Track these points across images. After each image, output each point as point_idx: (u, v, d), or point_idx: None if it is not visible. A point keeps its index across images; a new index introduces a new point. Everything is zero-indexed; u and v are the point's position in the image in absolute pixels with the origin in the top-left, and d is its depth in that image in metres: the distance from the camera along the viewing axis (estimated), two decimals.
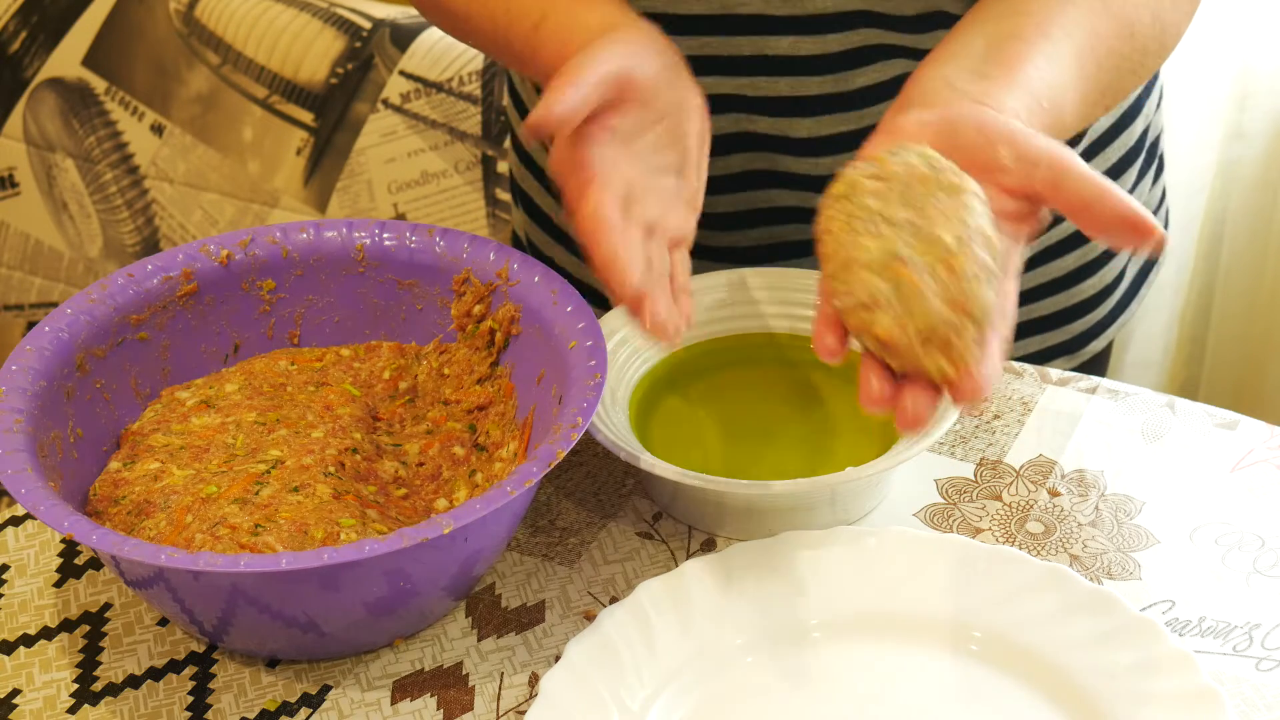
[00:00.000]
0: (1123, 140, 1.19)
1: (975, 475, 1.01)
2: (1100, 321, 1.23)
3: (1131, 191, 1.21)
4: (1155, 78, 1.23)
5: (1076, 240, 1.19)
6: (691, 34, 1.06)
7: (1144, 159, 1.23)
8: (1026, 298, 1.19)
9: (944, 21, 1.03)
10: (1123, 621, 0.90)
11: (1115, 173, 1.19)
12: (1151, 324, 1.81)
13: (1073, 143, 1.15)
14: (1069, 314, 1.21)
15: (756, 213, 1.14)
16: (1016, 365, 1.09)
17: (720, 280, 1.07)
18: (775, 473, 0.98)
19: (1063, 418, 1.05)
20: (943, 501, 1.00)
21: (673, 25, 1.04)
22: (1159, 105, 1.25)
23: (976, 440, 1.04)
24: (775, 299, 1.07)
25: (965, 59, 0.91)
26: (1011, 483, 1.01)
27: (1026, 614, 0.91)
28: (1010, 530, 0.98)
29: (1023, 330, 1.21)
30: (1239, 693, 0.89)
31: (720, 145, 1.06)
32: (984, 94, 0.89)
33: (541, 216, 1.25)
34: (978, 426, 1.04)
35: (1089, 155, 1.17)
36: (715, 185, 1.02)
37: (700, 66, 1.02)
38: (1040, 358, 1.21)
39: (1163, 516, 0.99)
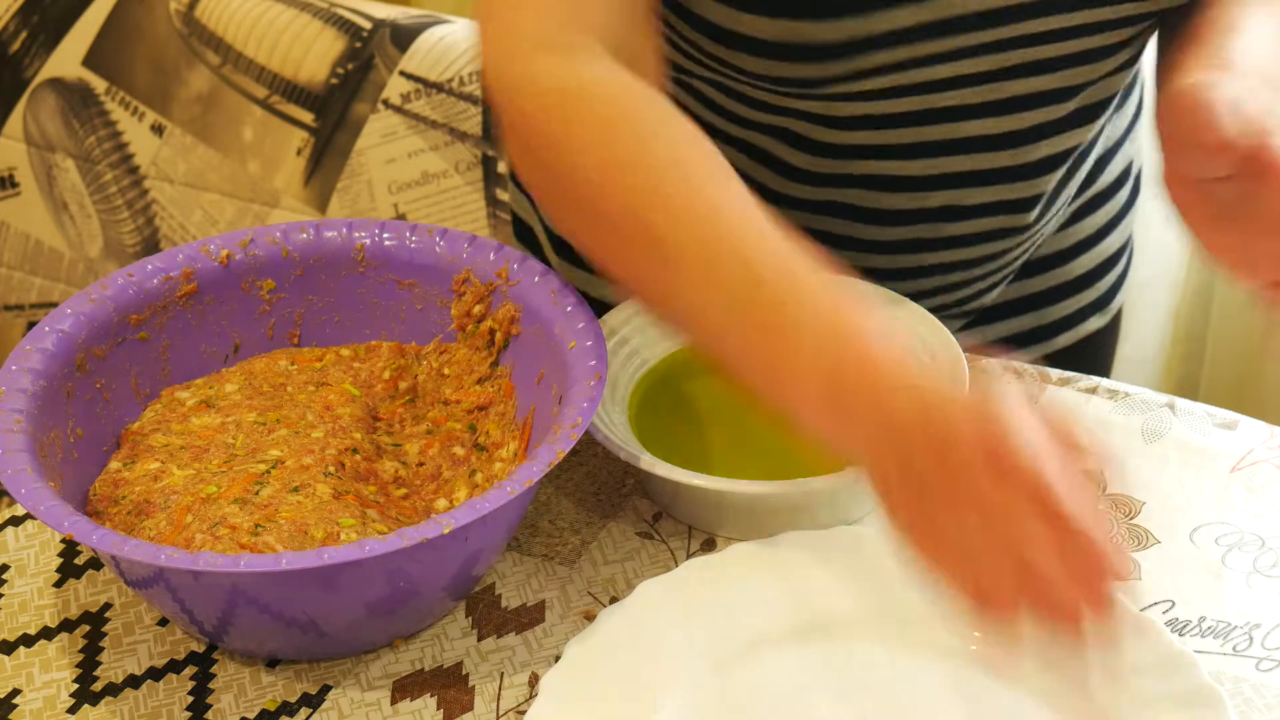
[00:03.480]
0: (1135, 97, 1.20)
1: None
2: (1120, 276, 1.25)
3: (1134, 151, 1.22)
4: (1139, 114, 1.23)
5: (1102, 198, 1.20)
6: None
7: (1130, 190, 1.24)
8: (1060, 259, 1.20)
9: None
10: (1123, 622, 0.90)
11: (1105, 196, 1.20)
12: (1144, 320, 1.81)
13: (1104, 105, 1.15)
14: (1099, 271, 1.23)
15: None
16: (1016, 365, 1.09)
17: None
18: (775, 473, 0.98)
19: None
20: None
21: None
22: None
23: None
24: None
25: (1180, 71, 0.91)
26: None
27: None
28: None
29: (1060, 293, 1.22)
30: (1239, 693, 0.89)
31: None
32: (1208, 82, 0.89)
33: (532, 239, 1.25)
34: None
35: (1106, 107, 1.17)
36: None
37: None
38: (1077, 318, 1.23)
39: (1163, 516, 0.99)
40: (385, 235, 1.03)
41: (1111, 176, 1.21)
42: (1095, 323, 1.25)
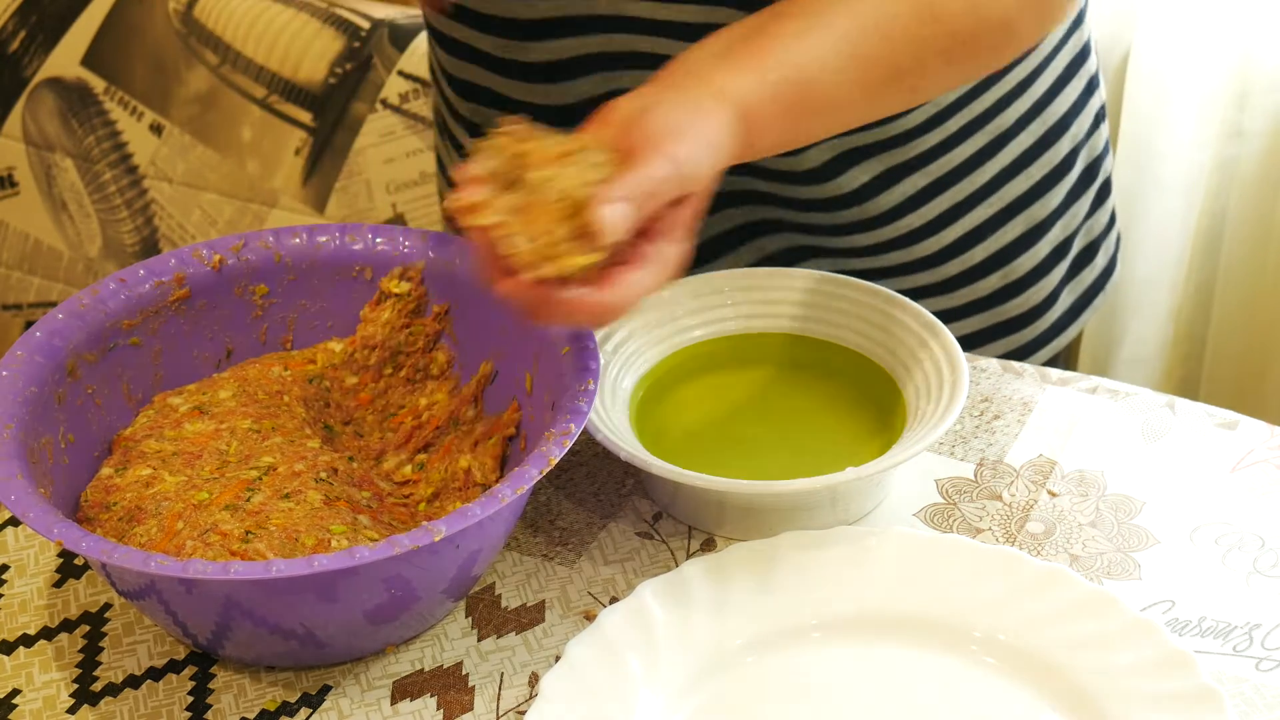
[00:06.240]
0: (1048, 157, 1.19)
1: (975, 475, 1.01)
2: (1033, 341, 1.24)
3: (1061, 214, 1.21)
4: (1087, 100, 1.22)
5: (997, 261, 1.20)
6: None
7: (1077, 180, 1.22)
8: (954, 315, 1.20)
9: None
10: (1123, 622, 0.90)
11: (1042, 189, 1.19)
12: (1144, 322, 1.81)
13: (992, 150, 1.16)
14: (996, 331, 1.22)
15: None
16: (1016, 365, 1.09)
17: (720, 281, 1.07)
18: (775, 473, 0.98)
19: (1063, 418, 1.05)
20: (943, 501, 1.00)
21: None
22: (1095, 128, 1.23)
23: (976, 440, 1.04)
24: (775, 299, 1.07)
25: (721, 40, 0.94)
26: (1011, 483, 1.01)
27: (1026, 614, 0.91)
28: (1010, 530, 0.98)
29: (1003, 260, 1.21)
30: (1239, 693, 0.89)
31: (592, 107, 1.08)
32: (712, 71, 0.92)
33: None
34: (978, 426, 1.04)
35: (1015, 170, 1.18)
36: None
37: (559, 28, 1.07)
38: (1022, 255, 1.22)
39: (1163, 516, 0.99)
40: (378, 240, 1.03)
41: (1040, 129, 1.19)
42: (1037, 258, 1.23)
